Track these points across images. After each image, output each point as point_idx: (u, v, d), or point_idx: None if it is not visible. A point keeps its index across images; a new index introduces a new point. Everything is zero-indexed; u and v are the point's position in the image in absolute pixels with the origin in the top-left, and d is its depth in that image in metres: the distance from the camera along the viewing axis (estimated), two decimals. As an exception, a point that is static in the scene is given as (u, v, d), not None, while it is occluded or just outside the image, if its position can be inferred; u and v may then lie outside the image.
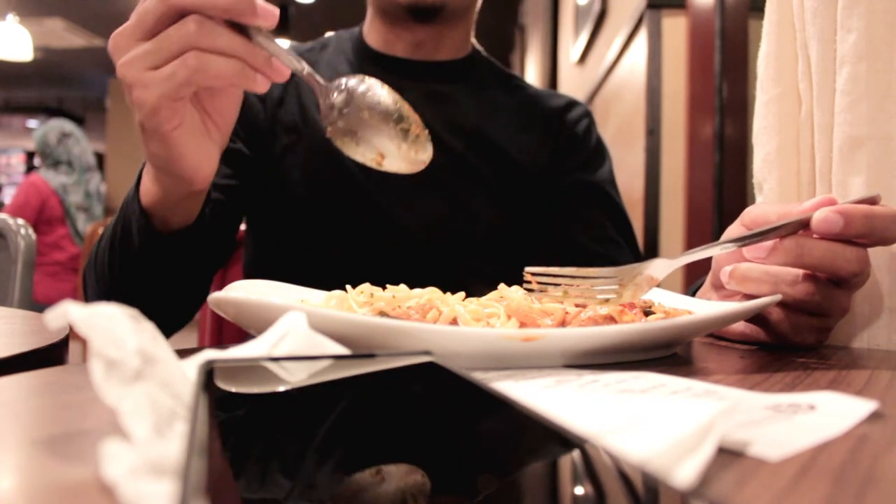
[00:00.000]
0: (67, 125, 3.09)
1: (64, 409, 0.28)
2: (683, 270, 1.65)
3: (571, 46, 3.51)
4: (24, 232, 1.08)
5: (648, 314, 0.44)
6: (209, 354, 0.25)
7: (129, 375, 0.20)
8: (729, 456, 0.21)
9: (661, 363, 0.40)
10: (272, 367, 0.25)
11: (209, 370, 0.23)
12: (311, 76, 0.46)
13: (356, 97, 0.47)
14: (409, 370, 0.26)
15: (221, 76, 0.44)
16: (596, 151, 0.89)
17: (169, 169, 0.50)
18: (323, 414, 0.21)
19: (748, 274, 0.45)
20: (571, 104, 0.91)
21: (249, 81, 0.45)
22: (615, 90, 2.59)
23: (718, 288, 0.52)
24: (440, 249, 0.80)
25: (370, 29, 0.86)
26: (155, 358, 0.21)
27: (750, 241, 0.43)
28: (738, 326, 0.50)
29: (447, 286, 0.48)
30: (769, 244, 0.43)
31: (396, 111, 0.47)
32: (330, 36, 0.90)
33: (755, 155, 0.61)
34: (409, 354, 0.27)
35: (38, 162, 4.36)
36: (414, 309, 0.41)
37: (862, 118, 0.50)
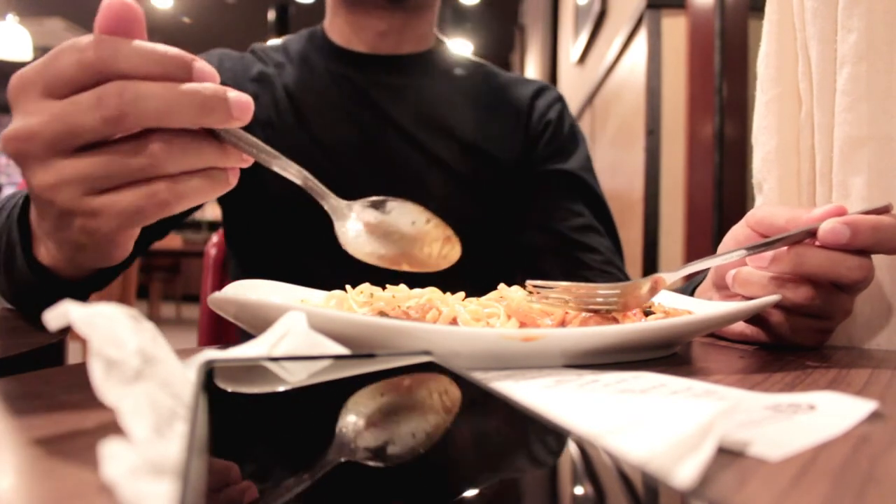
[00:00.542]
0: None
1: (64, 409, 0.28)
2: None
3: (571, 46, 3.51)
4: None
5: (648, 314, 0.44)
6: (209, 354, 0.25)
7: (129, 375, 0.20)
8: (729, 456, 0.21)
9: (661, 363, 0.40)
10: (272, 367, 0.25)
11: (209, 370, 0.23)
12: (314, 188, 0.41)
13: (381, 222, 0.43)
14: (409, 370, 0.26)
15: (196, 198, 0.36)
16: (570, 138, 0.87)
17: (91, 259, 0.41)
18: (323, 413, 0.21)
19: (750, 278, 0.45)
20: (542, 89, 0.90)
21: (223, 188, 0.38)
22: (615, 90, 2.59)
23: (721, 288, 0.52)
24: None
25: (332, 24, 0.85)
26: (155, 358, 0.21)
27: (758, 250, 0.43)
28: (737, 326, 0.50)
29: (424, 281, 0.46)
30: (770, 253, 0.43)
31: (426, 230, 0.44)
32: (290, 37, 0.89)
33: (755, 155, 0.61)
34: (409, 354, 0.27)
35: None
36: (414, 309, 0.41)
37: (862, 118, 0.50)
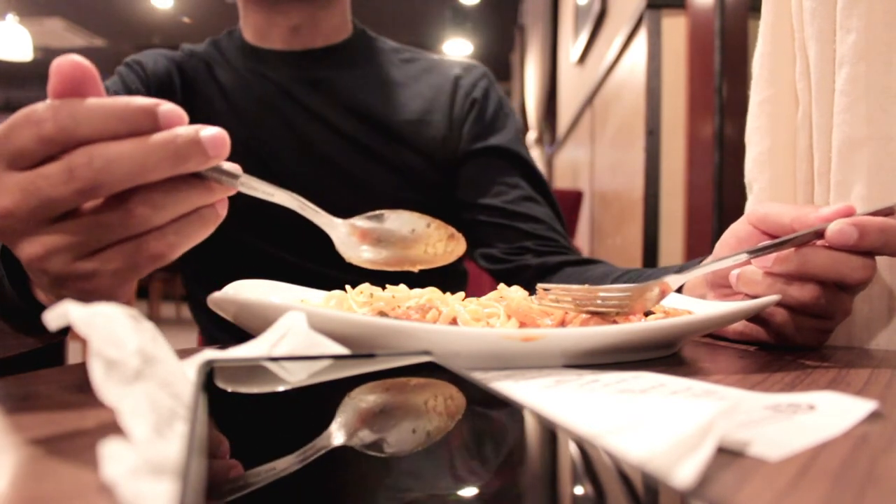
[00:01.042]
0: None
1: (64, 409, 0.28)
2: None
3: (571, 46, 3.51)
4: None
5: (648, 314, 0.44)
6: (209, 354, 0.25)
7: (128, 375, 0.20)
8: (729, 456, 0.21)
9: (661, 363, 0.40)
10: (272, 367, 0.25)
11: (209, 370, 0.23)
12: (306, 209, 0.40)
13: (380, 235, 0.43)
14: (409, 370, 0.26)
15: (190, 242, 0.35)
16: (497, 113, 0.87)
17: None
18: (322, 413, 0.21)
19: (754, 278, 0.45)
20: (467, 68, 0.90)
21: (215, 223, 0.36)
22: (615, 90, 2.59)
23: (715, 286, 0.52)
24: None
25: (245, 24, 0.86)
26: (155, 358, 0.21)
27: (765, 251, 0.43)
28: (737, 326, 0.50)
29: (367, 274, 0.45)
30: (773, 255, 0.43)
31: (428, 233, 0.43)
32: (219, 36, 0.89)
33: (747, 155, 0.61)
34: (409, 354, 0.27)
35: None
36: (414, 309, 0.41)
37: (861, 119, 0.50)
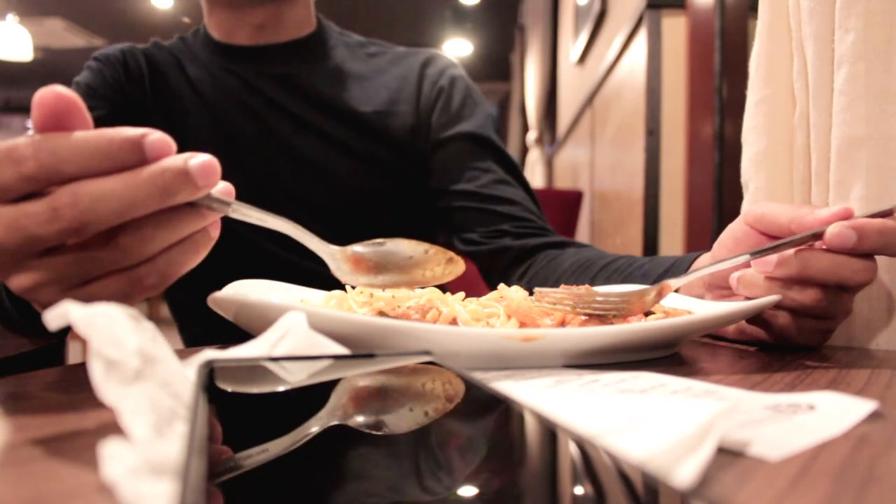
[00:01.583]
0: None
1: (64, 409, 0.28)
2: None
3: (571, 46, 3.51)
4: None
5: (648, 314, 0.44)
6: (209, 354, 0.25)
7: (129, 375, 0.20)
8: (729, 456, 0.21)
9: (661, 363, 0.40)
10: (272, 367, 0.25)
11: (209, 370, 0.23)
12: (301, 236, 0.39)
13: (377, 263, 0.43)
14: (409, 370, 0.26)
15: (184, 269, 0.35)
16: (466, 101, 0.87)
17: None
18: (322, 413, 0.21)
19: (755, 280, 0.45)
20: (433, 58, 0.90)
21: (208, 246, 0.36)
22: (615, 90, 2.59)
23: (713, 288, 0.52)
24: (327, 229, 0.79)
25: (211, 21, 0.86)
26: (155, 358, 0.21)
27: (763, 253, 0.43)
28: (738, 326, 0.50)
29: (299, 257, 0.44)
30: (775, 257, 0.43)
31: (426, 258, 0.44)
32: (187, 34, 0.89)
33: (743, 154, 0.61)
34: (409, 354, 0.27)
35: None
36: (414, 309, 0.41)
37: (860, 118, 0.50)
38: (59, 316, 0.21)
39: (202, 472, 0.14)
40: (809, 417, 0.25)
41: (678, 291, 0.56)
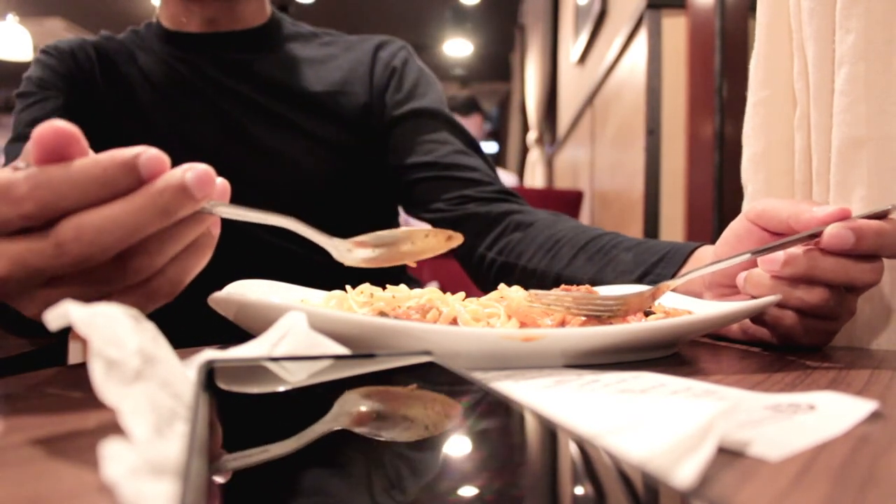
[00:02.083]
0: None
1: (64, 409, 0.28)
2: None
3: (571, 46, 3.51)
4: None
5: (648, 314, 0.44)
6: (209, 354, 0.25)
7: (129, 375, 0.20)
8: (729, 456, 0.21)
9: (661, 363, 0.40)
10: (272, 367, 0.25)
11: (209, 370, 0.23)
12: (302, 230, 0.39)
13: (379, 251, 0.43)
14: (409, 370, 0.26)
15: (192, 273, 0.36)
16: (419, 80, 0.88)
17: None
18: (322, 413, 0.21)
19: (762, 280, 0.45)
20: (385, 42, 0.92)
21: (213, 246, 0.37)
22: (615, 90, 2.59)
23: (714, 286, 0.52)
24: (286, 212, 0.79)
25: (163, 12, 0.86)
26: (155, 358, 0.21)
27: (763, 252, 0.43)
28: (741, 326, 0.50)
29: (304, 249, 0.44)
30: (782, 257, 0.43)
31: (427, 242, 0.43)
32: (129, 28, 0.89)
33: (743, 155, 0.61)
34: (409, 354, 0.27)
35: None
36: (414, 309, 0.41)
37: (861, 119, 0.50)
38: (59, 316, 0.21)
39: (202, 472, 0.14)
40: (810, 417, 0.25)
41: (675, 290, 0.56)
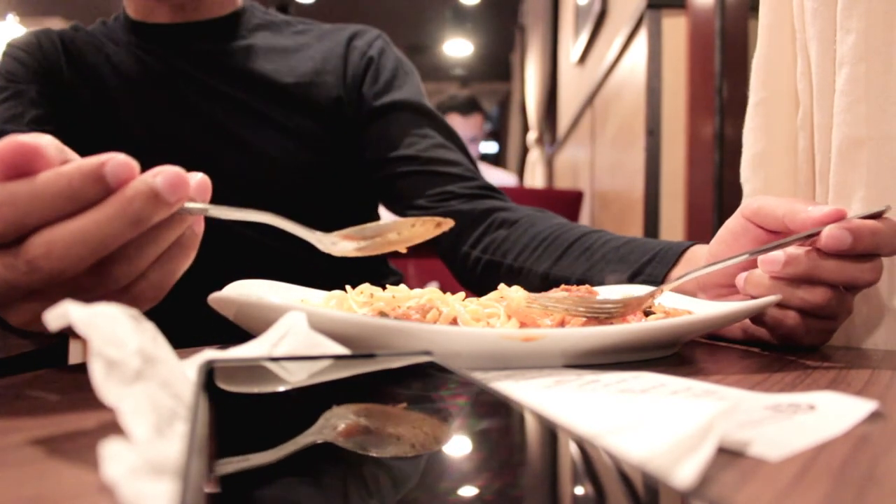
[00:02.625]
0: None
1: (64, 409, 0.28)
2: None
3: (571, 46, 3.51)
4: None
5: (648, 314, 0.44)
6: (209, 354, 0.25)
7: (129, 375, 0.20)
8: (729, 456, 0.21)
9: (661, 363, 0.40)
10: (272, 367, 0.25)
11: (209, 370, 0.23)
12: (285, 225, 0.38)
13: (366, 243, 0.42)
14: (409, 370, 0.26)
15: (178, 272, 0.35)
16: (397, 71, 0.87)
17: None
18: (322, 413, 0.21)
19: (763, 281, 0.45)
20: (360, 31, 0.90)
21: (196, 244, 0.36)
22: (615, 90, 2.59)
23: (708, 287, 0.52)
24: (259, 205, 0.77)
25: (129, 3, 0.85)
26: (155, 358, 0.21)
27: (760, 253, 0.43)
28: (741, 326, 0.50)
29: (281, 241, 0.42)
30: (782, 257, 0.43)
31: (414, 230, 0.42)
32: (99, 20, 0.88)
33: (743, 156, 0.61)
34: (409, 354, 0.27)
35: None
36: (414, 309, 0.41)
37: (861, 119, 0.50)
38: (59, 316, 0.21)
39: (202, 472, 0.14)
40: (810, 417, 0.25)
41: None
